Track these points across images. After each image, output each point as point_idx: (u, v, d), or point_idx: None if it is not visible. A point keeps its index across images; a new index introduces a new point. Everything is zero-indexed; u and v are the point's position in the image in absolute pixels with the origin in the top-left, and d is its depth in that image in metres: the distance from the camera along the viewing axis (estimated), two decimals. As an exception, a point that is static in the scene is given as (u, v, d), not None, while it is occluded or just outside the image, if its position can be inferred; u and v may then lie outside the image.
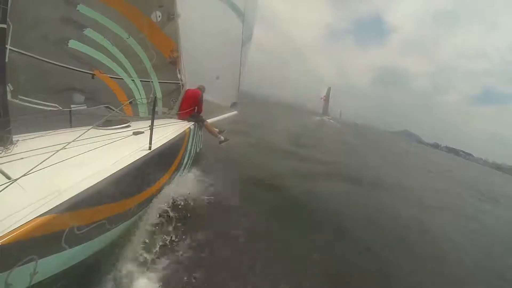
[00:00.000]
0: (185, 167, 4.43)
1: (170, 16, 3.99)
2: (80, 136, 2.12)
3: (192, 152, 4.79)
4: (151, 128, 2.75)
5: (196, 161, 5.31)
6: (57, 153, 1.83)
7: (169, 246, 2.91)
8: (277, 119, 21.93)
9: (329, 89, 58.30)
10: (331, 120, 51.11)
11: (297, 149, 10.94)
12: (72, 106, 3.33)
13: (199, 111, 5.18)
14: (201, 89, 5.26)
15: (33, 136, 2.52)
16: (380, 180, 9.52)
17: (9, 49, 2.53)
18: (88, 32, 3.45)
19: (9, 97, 2.55)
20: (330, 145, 15.51)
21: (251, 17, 5.85)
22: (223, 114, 7.01)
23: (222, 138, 5.52)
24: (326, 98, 57.45)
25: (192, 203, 3.72)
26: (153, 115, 2.83)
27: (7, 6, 1.90)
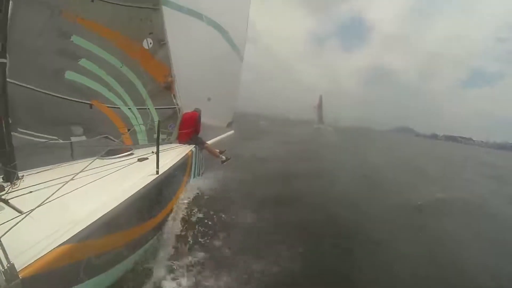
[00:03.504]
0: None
1: (161, 42, 4.04)
2: (87, 166, 2.15)
3: (196, 173, 4.78)
4: (157, 152, 2.79)
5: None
6: (65, 185, 1.83)
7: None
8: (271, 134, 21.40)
9: (321, 96, 59.65)
10: (328, 128, 50.84)
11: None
12: (71, 138, 3.34)
13: (197, 132, 5.21)
14: (198, 111, 5.32)
15: (37, 171, 2.54)
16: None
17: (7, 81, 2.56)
18: (83, 62, 3.48)
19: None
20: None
21: (240, 36, 6.03)
22: (220, 135, 7.03)
23: (224, 158, 5.58)
24: (319, 106, 58.39)
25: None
26: (158, 139, 2.88)
27: (5, 41, 1.95)
